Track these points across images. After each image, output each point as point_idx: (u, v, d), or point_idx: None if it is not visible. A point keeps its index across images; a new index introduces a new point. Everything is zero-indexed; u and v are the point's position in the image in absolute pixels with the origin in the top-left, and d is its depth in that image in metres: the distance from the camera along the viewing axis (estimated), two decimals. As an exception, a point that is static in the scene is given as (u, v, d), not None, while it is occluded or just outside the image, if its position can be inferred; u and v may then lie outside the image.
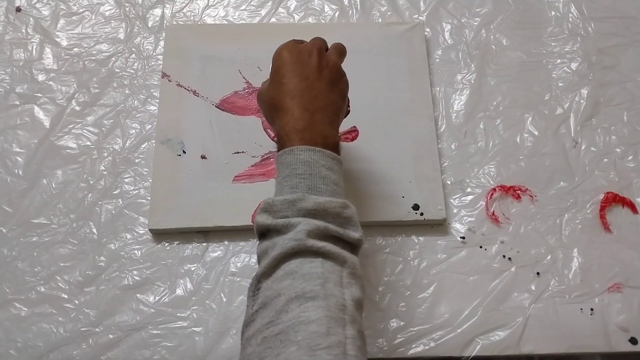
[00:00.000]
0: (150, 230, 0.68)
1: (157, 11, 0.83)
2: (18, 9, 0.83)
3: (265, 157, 0.72)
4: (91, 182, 0.72)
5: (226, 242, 0.69)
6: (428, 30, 0.82)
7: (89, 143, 0.74)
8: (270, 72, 0.57)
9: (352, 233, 0.49)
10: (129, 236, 0.69)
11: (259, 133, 0.73)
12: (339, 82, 0.57)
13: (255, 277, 0.47)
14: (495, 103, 0.77)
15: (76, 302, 0.66)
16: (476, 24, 0.83)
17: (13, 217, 0.70)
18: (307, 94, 0.54)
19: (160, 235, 0.69)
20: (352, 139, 0.72)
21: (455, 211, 0.71)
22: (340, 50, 0.59)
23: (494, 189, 0.72)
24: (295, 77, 0.54)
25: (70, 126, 0.75)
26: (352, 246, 0.49)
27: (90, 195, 0.71)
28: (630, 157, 0.74)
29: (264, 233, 0.49)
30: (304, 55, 0.55)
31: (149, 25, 0.82)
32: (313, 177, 0.49)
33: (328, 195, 0.49)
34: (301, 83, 0.54)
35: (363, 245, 0.50)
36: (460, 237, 0.69)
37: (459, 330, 0.64)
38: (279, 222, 0.47)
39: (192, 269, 0.67)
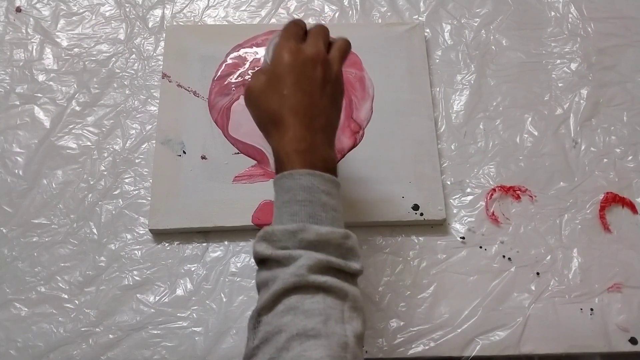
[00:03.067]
0: (150, 230, 0.68)
1: (158, 12, 0.83)
2: (18, 9, 0.83)
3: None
4: (91, 183, 0.72)
5: (226, 242, 0.69)
6: (428, 30, 0.82)
7: (89, 143, 0.74)
8: (268, 70, 0.54)
9: (354, 264, 0.48)
10: (129, 236, 0.69)
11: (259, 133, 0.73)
12: (338, 96, 0.55)
13: (256, 311, 0.46)
14: (495, 103, 0.77)
15: (76, 302, 0.66)
16: (476, 24, 0.83)
17: (13, 217, 0.70)
18: (309, 112, 0.52)
19: (160, 235, 0.69)
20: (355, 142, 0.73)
21: (455, 211, 0.71)
22: (344, 51, 0.56)
23: (494, 189, 0.72)
24: (299, 91, 0.52)
25: (71, 126, 0.75)
26: (353, 276, 0.49)
27: (90, 195, 0.71)
28: (630, 157, 0.74)
29: (263, 261, 0.48)
30: (308, 67, 0.52)
31: (149, 25, 0.82)
32: (313, 204, 0.48)
33: (328, 223, 0.48)
34: (304, 99, 0.52)
35: (362, 272, 0.49)
36: (460, 237, 0.69)
37: (459, 330, 0.64)
38: (279, 253, 0.46)
39: (192, 269, 0.68)
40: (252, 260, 0.67)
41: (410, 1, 0.84)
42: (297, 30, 0.55)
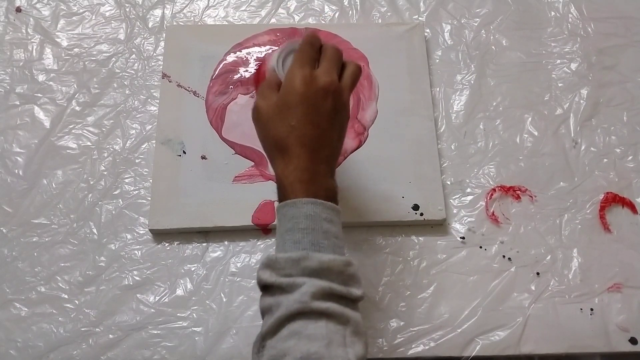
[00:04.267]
0: (150, 230, 0.68)
1: (158, 12, 0.83)
2: (18, 9, 0.83)
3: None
4: (91, 183, 0.72)
5: (226, 242, 0.69)
6: (428, 30, 0.82)
7: (89, 143, 0.74)
8: (279, 95, 0.53)
9: (355, 291, 0.49)
10: (129, 236, 0.69)
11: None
12: (345, 124, 0.55)
13: (260, 335, 0.47)
14: (495, 103, 0.77)
15: (76, 302, 0.66)
16: (476, 24, 0.83)
17: (13, 217, 0.70)
18: (316, 143, 0.52)
19: (160, 235, 0.69)
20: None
21: (455, 211, 0.71)
22: (355, 78, 0.56)
23: (494, 189, 0.72)
24: (308, 123, 0.52)
25: (71, 126, 0.75)
26: (355, 301, 0.49)
27: (90, 195, 0.71)
28: (630, 157, 0.74)
29: (267, 288, 0.49)
30: (319, 97, 0.52)
31: (149, 25, 0.82)
32: (315, 232, 0.49)
33: (330, 250, 0.49)
34: (313, 131, 0.52)
35: (363, 297, 0.50)
36: (460, 237, 0.69)
37: (459, 330, 0.64)
38: (283, 281, 0.47)
39: (192, 269, 0.68)
40: (252, 260, 0.68)
41: (410, 1, 0.84)
42: (311, 54, 0.55)
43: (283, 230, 0.50)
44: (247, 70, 0.77)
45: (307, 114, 0.52)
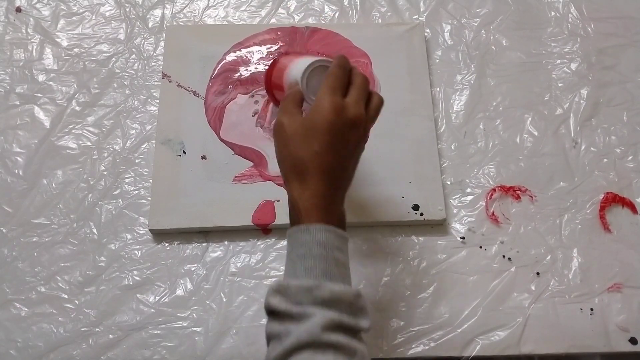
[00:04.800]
0: (150, 230, 0.68)
1: (158, 12, 0.83)
2: (18, 9, 0.83)
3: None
4: (91, 183, 0.72)
5: (226, 242, 0.69)
6: (428, 30, 0.82)
7: (89, 143, 0.74)
8: (306, 118, 0.53)
9: (363, 323, 0.49)
10: (129, 236, 0.69)
11: (260, 134, 0.73)
12: (361, 153, 0.56)
13: None
14: (495, 103, 0.77)
15: (76, 302, 0.66)
16: (476, 24, 0.83)
17: (13, 217, 0.70)
18: (337, 172, 0.52)
19: (160, 235, 0.69)
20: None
21: (455, 211, 0.71)
22: (379, 111, 0.56)
23: (494, 189, 0.72)
24: (331, 152, 0.51)
25: (71, 126, 0.75)
26: (362, 332, 0.50)
27: (90, 195, 0.71)
28: (630, 157, 0.74)
29: (275, 313, 0.49)
30: (346, 128, 0.52)
31: (149, 25, 0.82)
32: (328, 260, 0.49)
33: (340, 279, 0.49)
34: (335, 160, 0.52)
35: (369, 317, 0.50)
36: (460, 237, 0.69)
37: (459, 330, 0.64)
38: (293, 310, 0.47)
39: (192, 269, 0.68)
40: (252, 260, 0.68)
41: (410, 1, 0.84)
42: (343, 80, 0.54)
43: (295, 255, 0.50)
44: (247, 70, 0.77)
45: (333, 143, 0.51)
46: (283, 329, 0.47)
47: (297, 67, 0.60)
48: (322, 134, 0.51)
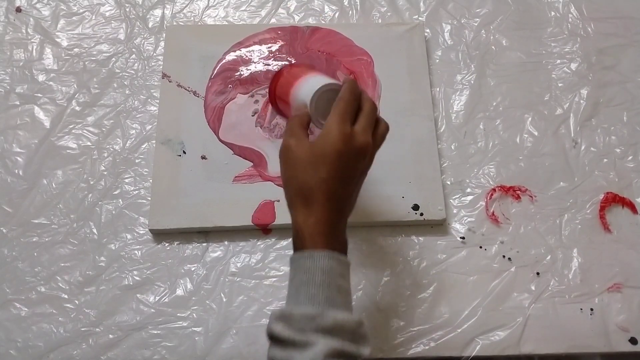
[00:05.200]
0: (150, 230, 0.68)
1: (158, 12, 0.83)
2: (18, 9, 0.83)
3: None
4: (91, 183, 0.72)
5: (226, 242, 0.69)
6: (428, 30, 0.82)
7: (89, 143, 0.74)
8: (314, 143, 0.52)
9: (364, 350, 0.49)
10: (129, 236, 0.69)
11: (259, 134, 0.73)
12: (364, 179, 0.56)
13: None
14: (495, 103, 0.77)
15: (76, 302, 0.66)
16: (476, 24, 0.83)
17: (13, 217, 0.70)
18: (342, 199, 0.52)
19: (160, 235, 0.69)
20: None
21: (455, 211, 0.71)
22: (384, 138, 0.56)
23: (494, 189, 0.72)
24: (338, 180, 0.52)
25: (71, 126, 0.75)
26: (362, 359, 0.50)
27: (90, 195, 0.71)
28: (630, 157, 0.74)
29: (277, 339, 0.49)
30: (354, 157, 0.52)
31: (149, 25, 0.82)
32: (331, 287, 0.49)
33: (343, 307, 0.50)
34: (341, 188, 0.52)
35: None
36: (460, 237, 0.69)
37: (459, 330, 0.64)
38: (296, 338, 0.47)
39: (192, 269, 0.68)
40: (252, 260, 0.68)
41: (410, 1, 0.84)
42: (353, 106, 0.54)
43: (298, 281, 0.50)
44: (247, 69, 0.77)
45: (340, 171, 0.52)
46: (286, 356, 0.47)
47: (304, 88, 0.59)
48: (330, 162, 0.51)
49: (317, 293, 0.48)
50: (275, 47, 0.79)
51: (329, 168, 0.51)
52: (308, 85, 0.59)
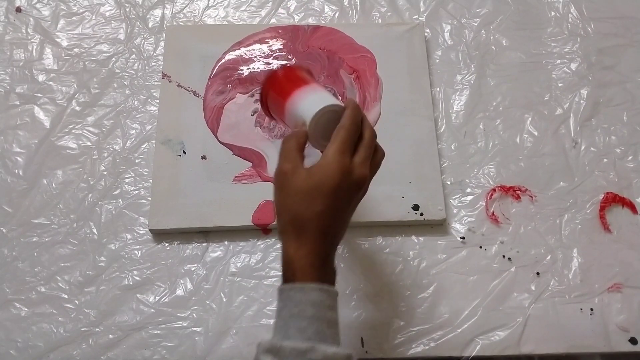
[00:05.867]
0: (150, 230, 0.68)
1: (158, 12, 0.83)
2: (18, 9, 0.83)
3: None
4: (91, 183, 0.72)
5: (226, 242, 0.69)
6: (428, 30, 0.82)
7: (89, 143, 0.74)
8: (311, 173, 0.51)
9: None
10: (129, 236, 0.69)
11: (259, 134, 0.73)
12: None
13: None
14: (495, 103, 0.77)
15: (76, 302, 0.66)
16: (476, 24, 0.83)
17: (13, 217, 0.70)
18: (335, 231, 0.52)
19: (160, 235, 0.69)
20: None
21: (455, 211, 0.71)
22: (380, 164, 0.56)
23: (494, 189, 0.72)
24: (333, 214, 0.51)
25: (71, 126, 0.75)
26: None
27: (90, 195, 0.71)
28: (630, 157, 0.74)
29: None
30: (351, 190, 0.52)
31: (149, 25, 0.82)
32: (320, 321, 0.49)
33: (332, 340, 0.49)
34: (335, 221, 0.51)
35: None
36: (460, 237, 0.69)
37: (459, 330, 0.64)
38: None
39: (192, 269, 0.68)
40: (252, 260, 0.68)
41: (410, 1, 0.84)
42: (355, 136, 0.53)
43: (287, 314, 0.49)
44: (247, 68, 0.77)
45: (335, 204, 0.51)
46: None
47: (304, 104, 0.56)
48: (326, 195, 0.50)
49: (307, 327, 0.48)
50: (275, 46, 0.79)
51: (325, 201, 0.50)
52: (308, 102, 0.56)
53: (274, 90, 0.60)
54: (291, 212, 0.51)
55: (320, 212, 0.50)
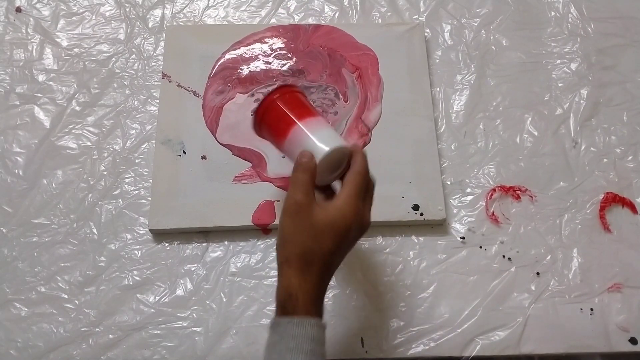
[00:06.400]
0: (150, 230, 0.68)
1: (158, 12, 0.83)
2: (18, 9, 0.83)
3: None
4: (91, 183, 0.72)
5: (226, 242, 0.69)
6: (428, 30, 0.82)
7: (89, 143, 0.74)
8: (325, 212, 0.51)
9: None
10: (129, 236, 0.69)
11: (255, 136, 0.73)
12: None
13: None
14: (495, 103, 0.77)
15: (76, 302, 0.66)
16: (476, 24, 0.83)
17: (13, 217, 0.70)
18: (335, 266, 0.53)
19: (160, 235, 0.69)
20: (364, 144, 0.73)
21: (455, 211, 0.71)
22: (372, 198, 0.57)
23: (494, 189, 0.72)
24: (340, 252, 0.53)
25: (71, 126, 0.75)
26: None
27: (90, 195, 0.71)
28: (630, 157, 0.74)
29: None
30: (358, 235, 0.54)
31: (149, 25, 0.82)
32: (316, 356, 0.49)
33: None
34: (339, 259, 0.54)
35: None
36: (460, 237, 0.69)
37: (459, 330, 0.64)
38: None
39: (192, 269, 0.68)
40: (252, 260, 0.68)
41: (410, 1, 0.84)
42: (368, 183, 0.55)
43: (284, 347, 0.49)
44: (247, 68, 0.77)
45: (343, 244, 0.53)
46: None
47: (313, 138, 0.56)
48: (338, 234, 0.52)
49: None
50: (276, 45, 0.78)
51: (335, 240, 0.51)
52: (318, 137, 0.56)
53: (275, 113, 0.59)
54: (301, 245, 0.51)
55: (330, 250, 0.51)
